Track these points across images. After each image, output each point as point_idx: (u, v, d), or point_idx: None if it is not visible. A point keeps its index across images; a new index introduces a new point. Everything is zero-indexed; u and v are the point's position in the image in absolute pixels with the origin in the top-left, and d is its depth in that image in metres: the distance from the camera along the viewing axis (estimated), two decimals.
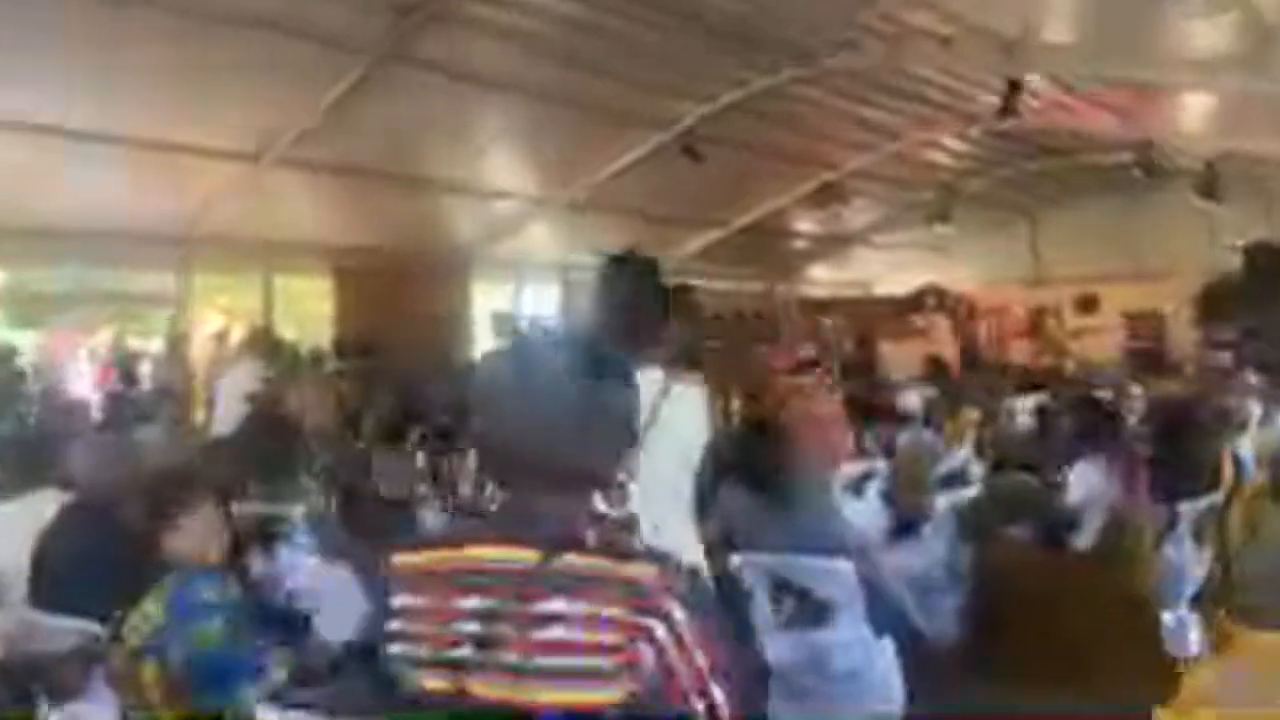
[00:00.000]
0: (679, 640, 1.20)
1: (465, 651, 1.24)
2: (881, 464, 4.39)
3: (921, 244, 13.01)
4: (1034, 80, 7.72)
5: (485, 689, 1.22)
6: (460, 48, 6.58)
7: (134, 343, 8.65)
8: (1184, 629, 3.43)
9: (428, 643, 1.27)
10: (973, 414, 5.95)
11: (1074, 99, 8.51)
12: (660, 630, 1.20)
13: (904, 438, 5.31)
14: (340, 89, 6.46)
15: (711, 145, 8.48)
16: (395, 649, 1.29)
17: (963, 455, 5.14)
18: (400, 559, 1.34)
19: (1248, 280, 8.82)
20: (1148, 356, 10.05)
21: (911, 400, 6.32)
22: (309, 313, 9.86)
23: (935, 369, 8.45)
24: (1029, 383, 7.68)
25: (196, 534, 2.47)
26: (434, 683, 1.25)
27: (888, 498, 3.76)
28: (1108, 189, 11.35)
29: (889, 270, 13.78)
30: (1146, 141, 9.61)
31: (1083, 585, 2.78)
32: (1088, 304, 11.59)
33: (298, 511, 3.32)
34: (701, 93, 8.13)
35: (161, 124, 6.36)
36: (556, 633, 1.21)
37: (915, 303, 11.97)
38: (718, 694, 1.21)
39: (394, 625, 1.30)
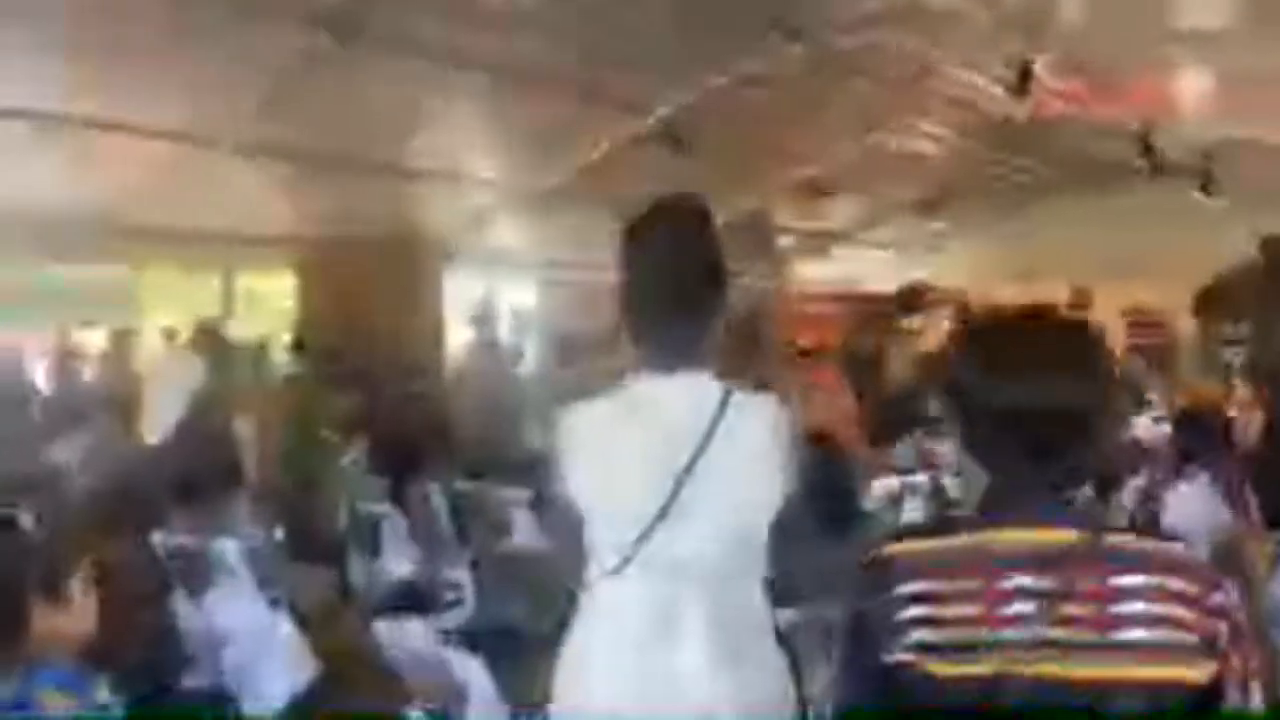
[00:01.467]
0: (1237, 625, 1.21)
1: (1018, 632, 1.21)
2: (922, 477, 3.93)
3: (910, 240, 12.65)
4: (1039, 62, 7.29)
5: (1040, 667, 1.20)
6: (425, 23, 6.08)
7: (82, 340, 8.05)
8: None
9: (966, 626, 1.24)
10: None
11: (1078, 86, 8.13)
12: (1230, 608, 1.22)
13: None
14: (294, 66, 5.93)
15: (695, 133, 8.00)
16: (916, 636, 1.26)
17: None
18: (904, 547, 1.34)
19: (1265, 274, 8.41)
20: (1149, 354, 9.61)
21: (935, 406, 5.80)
22: (277, 311, 9.31)
23: (935, 369, 7.96)
24: None
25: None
26: (967, 668, 1.22)
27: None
28: (1103, 182, 11.01)
29: (880, 267, 13.35)
30: (1148, 133, 9.24)
31: None
32: (1082, 300, 11.16)
33: (231, 545, 2.77)
34: (685, 75, 7.64)
35: (99, 103, 5.80)
36: (1137, 606, 1.20)
37: (907, 299, 11.52)
38: (1256, 692, 1.19)
39: (912, 612, 1.27)
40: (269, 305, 9.49)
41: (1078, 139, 10.06)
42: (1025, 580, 1.23)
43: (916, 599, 1.26)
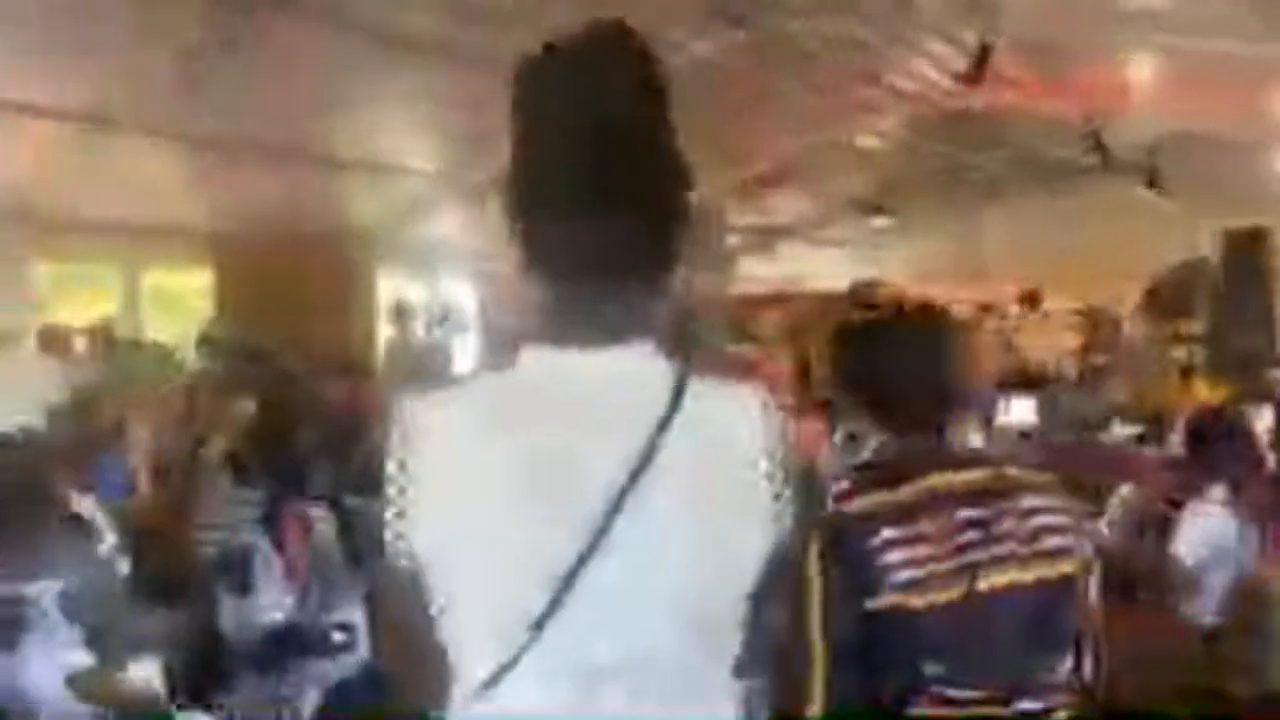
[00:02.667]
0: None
1: (974, 555, 1.48)
2: None
3: (858, 238, 12.48)
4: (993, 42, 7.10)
5: (993, 580, 1.48)
6: (357, 2, 5.63)
7: None
8: None
9: (935, 560, 1.46)
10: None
11: (1028, 77, 8.00)
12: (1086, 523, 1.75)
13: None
14: (209, 44, 5.42)
15: None
16: (898, 578, 1.45)
17: None
18: (870, 500, 1.53)
19: (1218, 271, 8.40)
20: (1103, 354, 9.55)
21: None
22: (192, 310, 8.69)
23: None
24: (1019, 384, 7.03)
25: None
26: (940, 595, 1.45)
27: None
28: (1051, 180, 10.96)
29: (826, 265, 13.16)
30: (1097, 129, 9.18)
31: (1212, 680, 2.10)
32: (1032, 300, 11.11)
33: (49, 589, 2.25)
34: None
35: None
36: (1043, 520, 1.54)
37: (860, 299, 11.32)
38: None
39: (891, 557, 1.46)
40: (186, 304, 8.88)
41: (1027, 134, 9.96)
42: (969, 513, 1.50)
43: (891, 544, 1.46)
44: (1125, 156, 9.66)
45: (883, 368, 1.67)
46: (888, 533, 1.46)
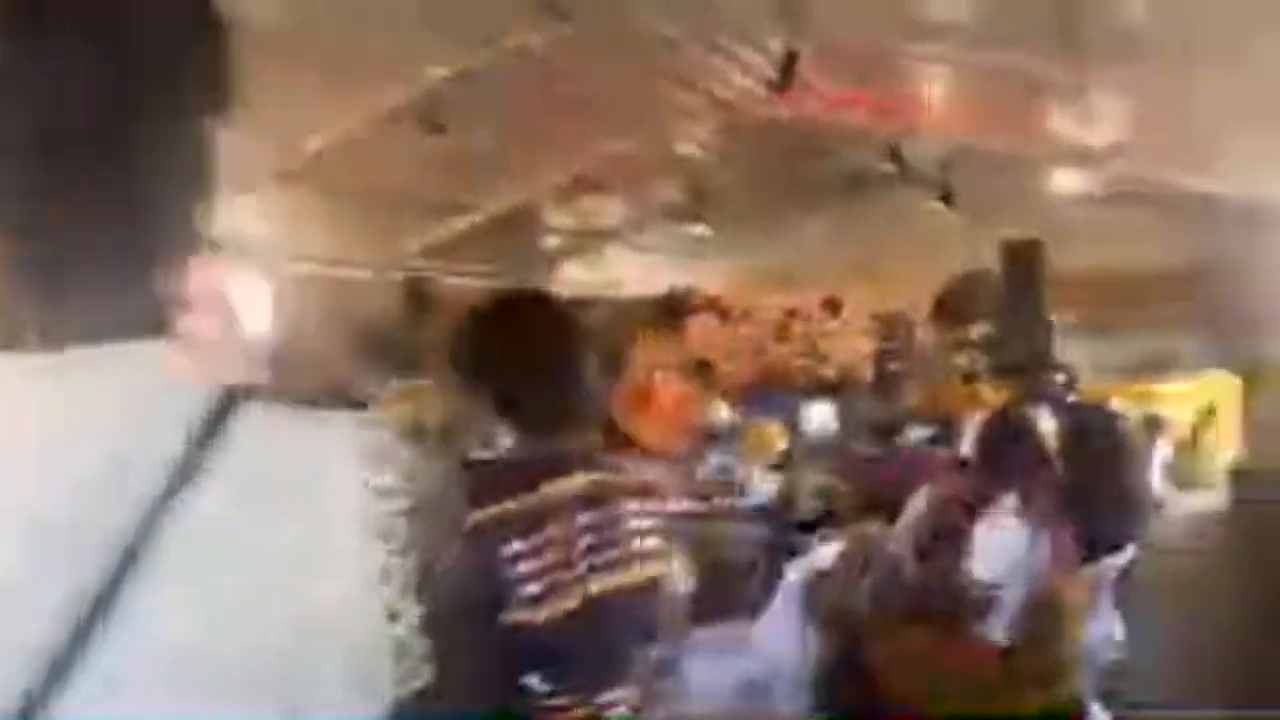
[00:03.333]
0: None
1: (590, 560, 1.54)
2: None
3: (672, 244, 12.48)
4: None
5: (603, 584, 1.54)
6: None
7: None
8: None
9: (558, 569, 1.51)
10: (773, 427, 5.10)
11: (829, 88, 8.16)
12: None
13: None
14: None
15: (455, 115, 7.19)
16: (525, 591, 1.47)
17: (765, 484, 4.24)
18: (495, 512, 1.51)
19: (1000, 280, 8.83)
20: (899, 360, 9.89)
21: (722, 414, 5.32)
22: None
23: (703, 375, 7.61)
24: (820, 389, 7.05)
25: None
26: (561, 605, 1.50)
27: None
28: (852, 191, 11.31)
29: (639, 271, 13.09)
30: (897, 140, 9.51)
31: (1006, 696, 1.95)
32: (834, 307, 11.44)
33: None
34: (442, 50, 6.82)
35: None
36: (636, 523, 1.60)
37: (673, 305, 11.29)
38: None
39: (519, 570, 1.49)
40: None
41: (832, 143, 10.21)
42: (585, 519, 1.54)
43: (519, 558, 1.48)
44: (920, 169, 10.08)
45: (504, 362, 1.64)
46: (515, 546, 1.49)
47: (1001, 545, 2.68)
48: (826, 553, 2.95)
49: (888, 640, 2.81)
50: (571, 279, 13.41)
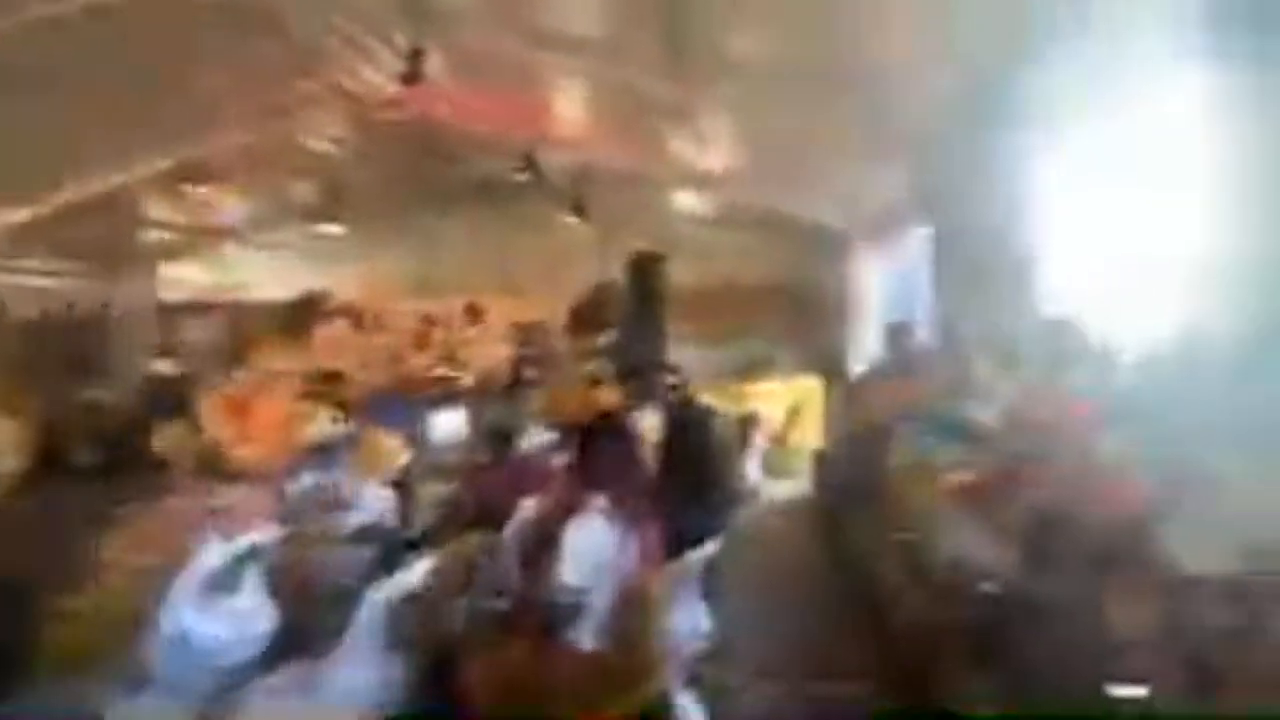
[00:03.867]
0: None
1: None
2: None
3: (306, 245, 11.63)
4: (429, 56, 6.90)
5: None
6: None
7: None
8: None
9: None
10: (391, 440, 4.75)
11: (468, 92, 8.02)
12: None
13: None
14: None
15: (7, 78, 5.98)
16: None
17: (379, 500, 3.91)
18: None
19: (630, 288, 9.21)
20: (536, 366, 9.97)
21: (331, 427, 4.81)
22: None
23: (333, 386, 7.01)
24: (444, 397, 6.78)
25: None
26: None
27: None
28: (493, 199, 11.28)
29: (268, 274, 12.02)
30: (531, 150, 9.59)
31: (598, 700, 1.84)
32: (476, 314, 11.31)
33: None
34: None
35: None
36: None
37: (305, 310, 10.45)
38: None
39: None
40: None
41: (473, 148, 10.07)
42: None
43: None
44: (556, 180, 10.28)
45: None
46: None
47: (590, 547, 2.64)
48: (416, 572, 2.73)
49: (482, 658, 2.66)
50: (185, 280, 12.00)
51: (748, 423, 7.69)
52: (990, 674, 2.93)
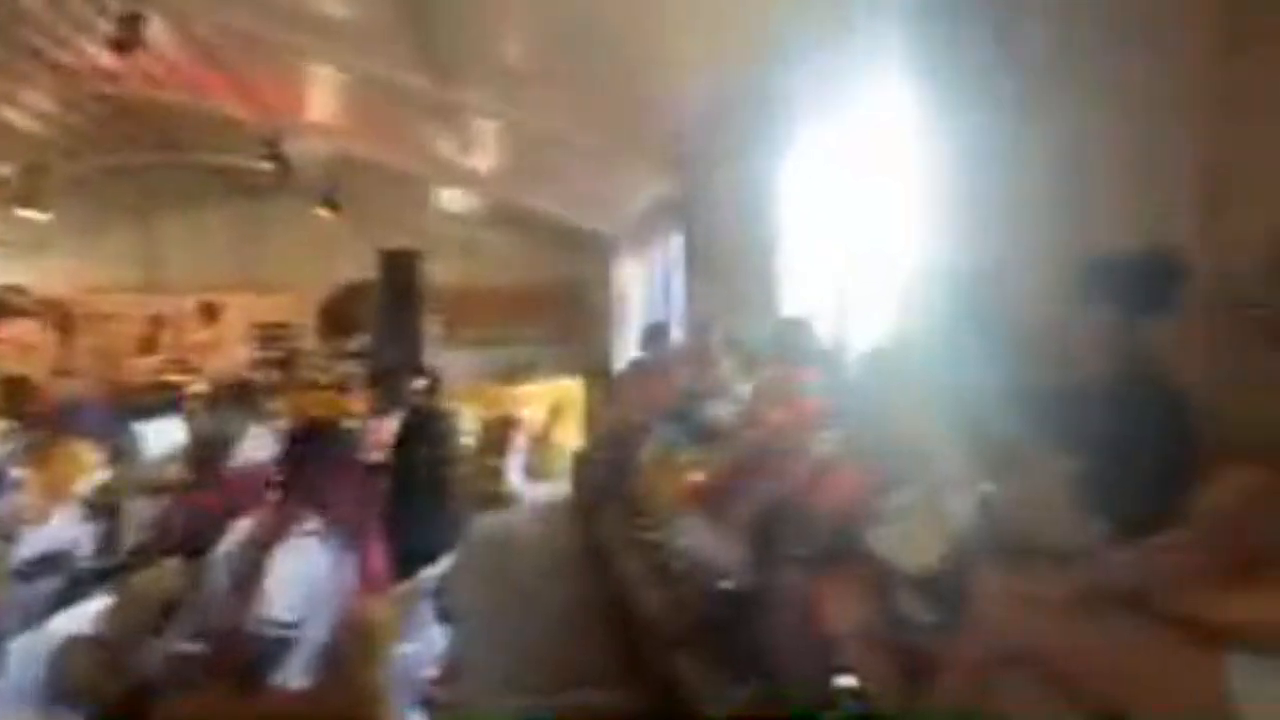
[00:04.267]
0: None
1: None
2: None
3: (7, 238, 10.14)
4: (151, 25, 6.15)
5: None
6: None
7: None
8: None
9: None
10: (90, 456, 4.08)
11: (199, 70, 7.25)
12: None
13: None
14: None
15: None
16: None
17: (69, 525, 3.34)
18: None
19: (382, 287, 8.70)
20: (279, 368, 9.24)
21: None
22: None
23: (15, 394, 6.04)
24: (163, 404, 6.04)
25: None
26: None
27: None
28: (230, 190, 10.39)
29: None
30: (276, 138, 8.85)
31: None
32: (210, 314, 10.31)
33: None
34: None
35: None
36: None
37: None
38: None
39: None
40: None
41: (205, 134, 9.17)
42: None
43: None
44: (305, 173, 9.58)
45: None
46: None
47: (298, 574, 2.34)
48: (86, 613, 2.32)
49: (173, 707, 2.30)
50: None
51: (508, 425, 7.50)
52: (731, 672, 2.93)
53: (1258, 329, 1.75)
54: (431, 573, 2.69)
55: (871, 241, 4.55)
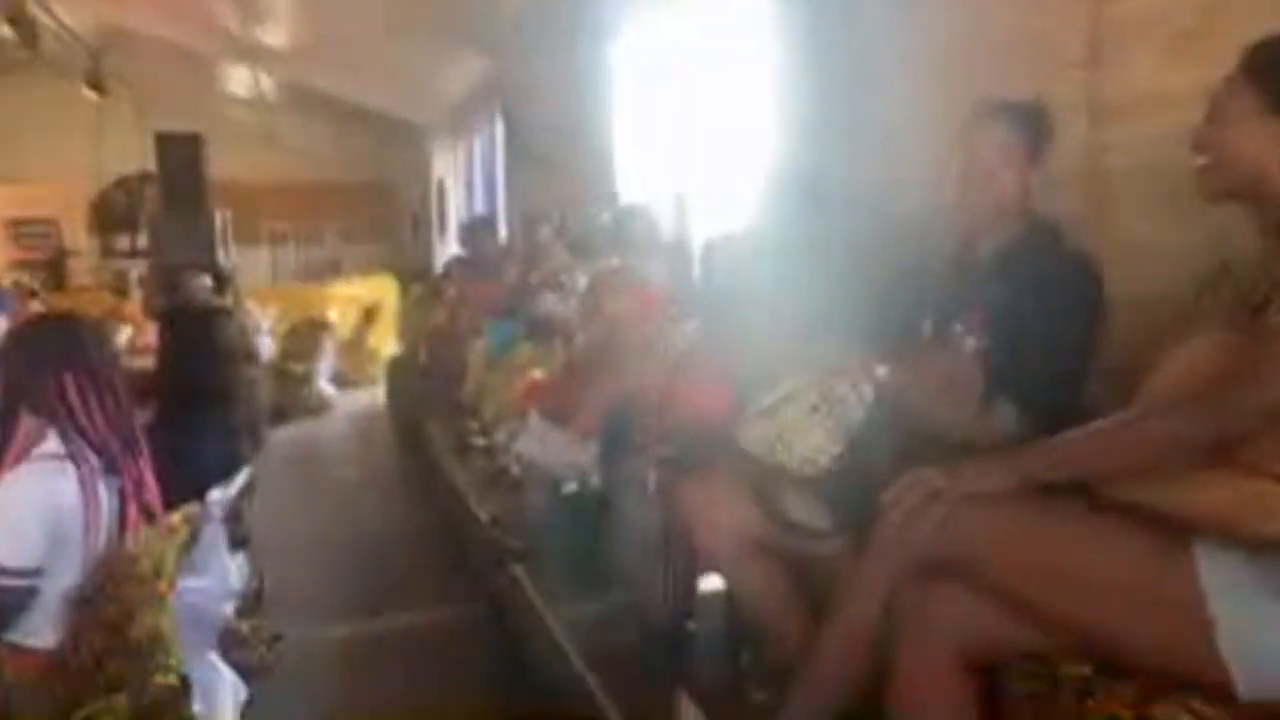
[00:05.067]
0: None
1: None
2: None
3: None
4: None
5: None
6: None
7: None
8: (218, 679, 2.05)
9: None
10: None
11: None
12: None
13: None
14: None
15: None
16: None
17: None
18: None
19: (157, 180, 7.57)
20: (44, 270, 7.99)
21: None
22: None
23: None
24: None
25: None
26: None
27: None
28: None
29: None
30: (22, 10, 7.41)
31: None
32: None
33: None
34: None
35: None
36: None
37: None
38: None
39: None
40: None
41: None
42: None
43: None
44: (63, 46, 8.14)
45: None
46: None
47: (30, 508, 1.81)
48: None
49: None
50: None
51: (316, 327, 6.81)
52: (577, 583, 2.66)
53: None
54: (222, 494, 2.20)
55: (714, 135, 4.26)
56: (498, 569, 3.00)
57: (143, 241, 8.55)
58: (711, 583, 2.23)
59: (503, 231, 6.41)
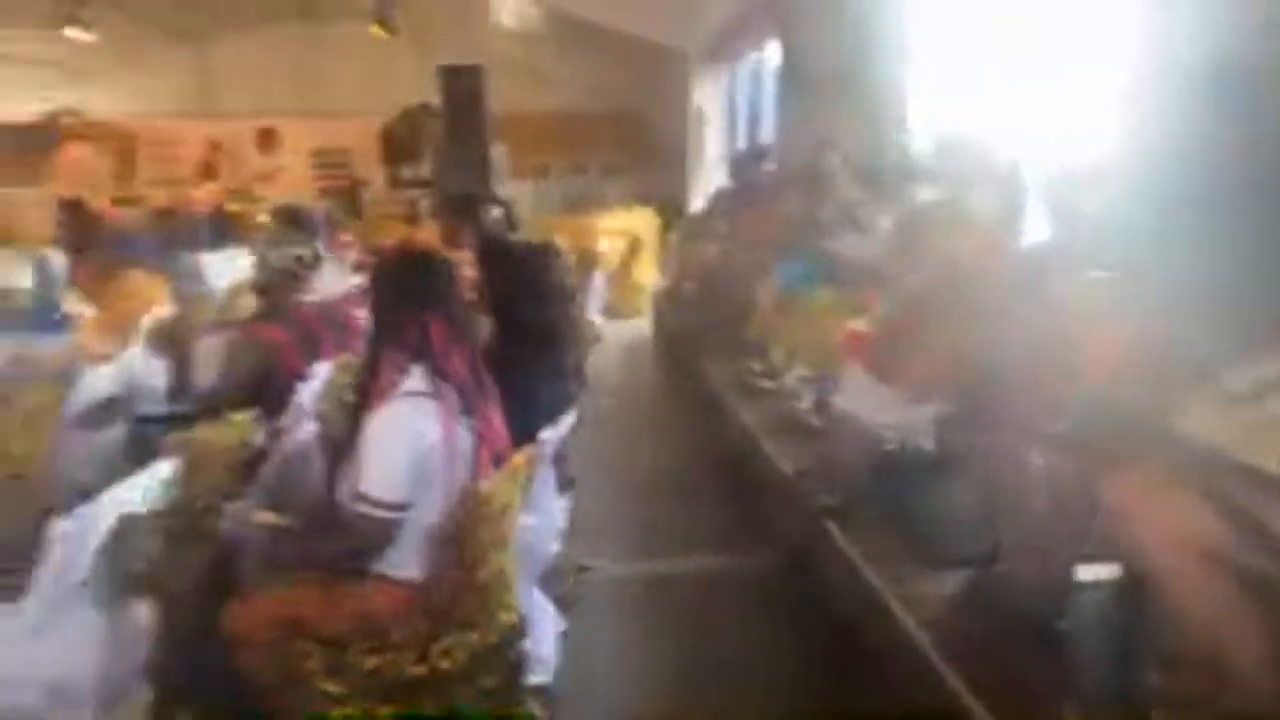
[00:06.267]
0: None
1: None
2: None
3: (53, 59, 9.38)
4: None
5: None
6: None
7: None
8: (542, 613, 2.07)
9: None
10: (154, 287, 3.54)
11: None
12: None
13: None
14: None
15: None
16: None
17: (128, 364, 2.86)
18: None
19: (444, 107, 7.86)
20: (342, 198, 8.61)
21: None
22: None
23: (72, 218, 5.59)
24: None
25: None
26: None
27: None
28: (283, 11, 9.46)
29: (16, 91, 9.70)
30: None
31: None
32: (269, 140, 9.65)
33: None
34: None
35: None
36: None
37: (47, 132, 8.49)
38: None
39: None
40: None
41: None
42: None
43: None
44: None
45: None
46: None
47: (401, 444, 1.81)
48: (141, 482, 1.82)
49: (257, 604, 1.84)
50: None
51: (587, 260, 6.85)
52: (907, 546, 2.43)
53: None
54: (552, 434, 2.14)
55: (1033, 53, 3.71)
56: (807, 522, 2.81)
57: (425, 171, 9.00)
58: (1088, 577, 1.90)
59: (773, 162, 6.09)
